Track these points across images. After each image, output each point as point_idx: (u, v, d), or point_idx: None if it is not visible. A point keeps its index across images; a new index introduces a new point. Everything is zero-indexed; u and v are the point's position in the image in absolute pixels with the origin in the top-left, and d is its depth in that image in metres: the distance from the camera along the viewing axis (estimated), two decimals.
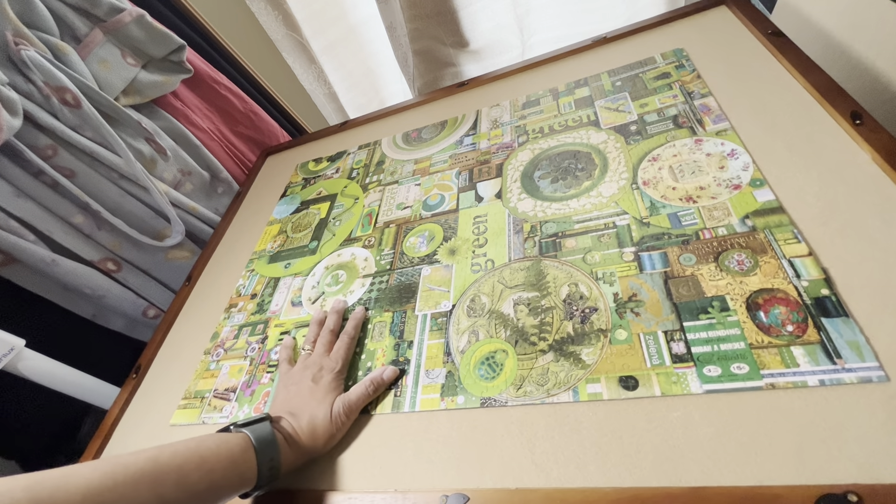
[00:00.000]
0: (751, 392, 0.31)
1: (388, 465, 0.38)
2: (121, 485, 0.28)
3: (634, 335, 0.37)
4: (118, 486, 0.28)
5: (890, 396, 0.28)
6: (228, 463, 0.34)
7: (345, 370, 0.44)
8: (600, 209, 0.46)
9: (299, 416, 0.39)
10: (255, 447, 0.35)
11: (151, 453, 0.32)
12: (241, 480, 0.34)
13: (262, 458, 0.35)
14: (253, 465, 0.35)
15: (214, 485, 0.33)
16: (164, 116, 0.73)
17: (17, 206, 0.59)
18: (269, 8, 0.90)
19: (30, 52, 0.57)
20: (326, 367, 0.43)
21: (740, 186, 0.42)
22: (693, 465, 0.30)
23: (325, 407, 0.40)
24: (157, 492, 0.30)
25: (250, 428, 0.36)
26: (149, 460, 0.31)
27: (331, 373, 0.43)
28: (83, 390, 0.60)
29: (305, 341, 0.48)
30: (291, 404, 0.41)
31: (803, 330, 0.32)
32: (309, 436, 0.38)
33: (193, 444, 0.34)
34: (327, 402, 0.40)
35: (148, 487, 0.29)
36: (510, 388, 0.38)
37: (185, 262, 0.74)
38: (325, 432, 0.39)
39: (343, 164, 0.73)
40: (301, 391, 0.42)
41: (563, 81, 0.63)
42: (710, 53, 0.55)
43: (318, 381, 0.42)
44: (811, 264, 0.35)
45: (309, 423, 0.39)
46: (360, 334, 0.48)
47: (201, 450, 0.33)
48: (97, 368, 0.62)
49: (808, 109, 0.44)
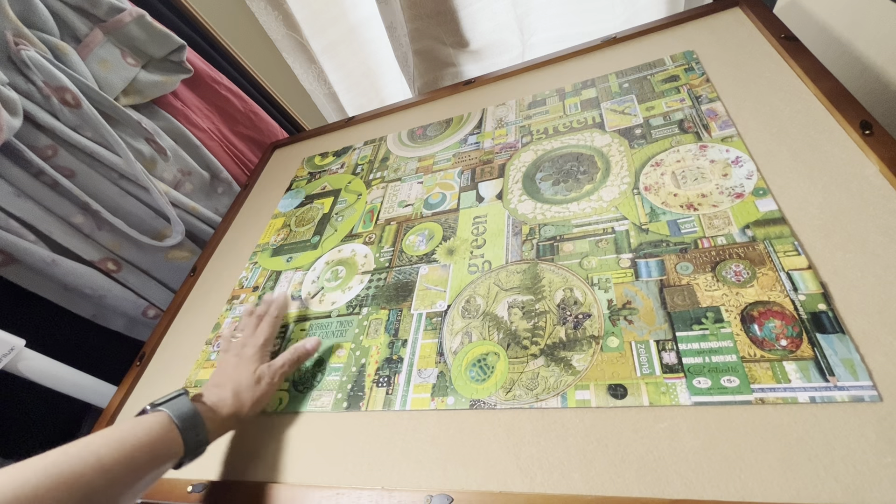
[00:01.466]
0: (740, 406, 0.31)
1: (376, 463, 0.38)
2: (32, 482, 0.28)
3: (626, 343, 0.36)
4: (28, 483, 0.28)
5: (881, 417, 0.28)
6: (146, 440, 0.34)
7: (269, 344, 0.46)
8: (600, 213, 0.46)
9: (223, 384, 0.42)
10: (176, 422, 0.36)
11: (62, 448, 0.31)
12: (165, 455, 0.35)
13: (184, 429, 0.36)
14: (177, 438, 0.36)
15: (135, 463, 0.33)
16: (164, 116, 0.74)
17: (17, 206, 0.60)
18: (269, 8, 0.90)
19: (30, 52, 0.57)
20: (249, 343, 0.46)
21: (743, 195, 0.41)
22: (676, 477, 0.30)
23: (247, 372, 0.43)
24: (73, 479, 0.29)
25: (167, 405, 0.37)
26: (60, 453, 0.31)
27: (254, 347, 0.45)
28: (83, 390, 0.61)
29: (237, 331, 0.50)
30: (215, 379, 0.43)
31: (797, 345, 0.32)
32: (234, 400, 0.41)
33: (108, 430, 0.34)
34: (250, 369, 0.43)
35: (64, 479, 0.29)
36: (500, 392, 0.38)
37: (184, 262, 0.75)
38: (249, 395, 0.41)
39: (348, 159, 0.73)
40: (225, 366, 0.44)
41: (571, 82, 0.63)
42: (721, 56, 0.53)
43: (241, 354, 0.45)
44: (810, 278, 0.34)
45: (233, 390, 0.41)
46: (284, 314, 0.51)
47: (116, 435, 0.33)
48: (97, 368, 0.63)
49: (817, 117, 0.43)
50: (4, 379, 0.55)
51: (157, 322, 0.69)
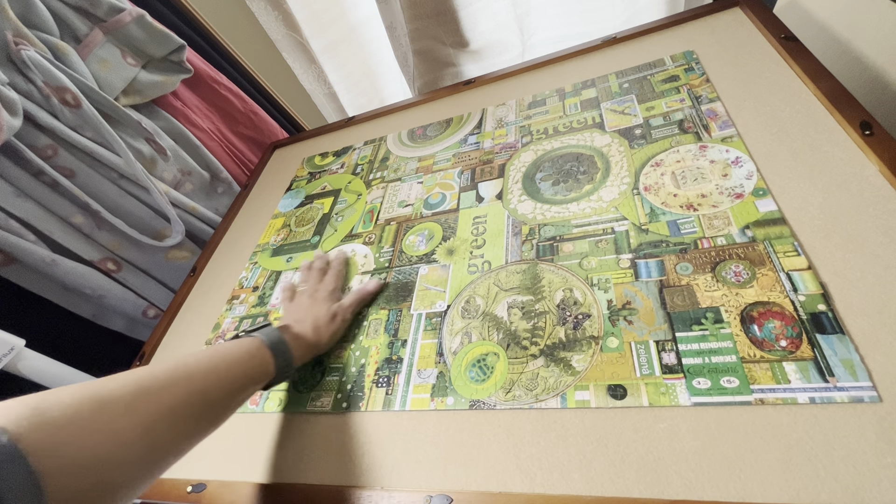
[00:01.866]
0: (739, 406, 0.31)
1: (375, 463, 0.38)
2: (161, 376, 0.33)
3: (626, 343, 0.36)
4: (158, 377, 0.33)
5: (881, 417, 0.28)
6: (247, 357, 0.39)
7: (337, 291, 0.51)
8: (600, 214, 0.46)
9: (303, 319, 0.47)
10: (268, 344, 0.41)
11: (181, 356, 0.36)
12: (261, 373, 0.40)
13: (275, 351, 0.41)
14: (269, 359, 0.40)
15: (239, 375, 0.38)
16: (164, 116, 0.74)
17: (17, 206, 0.60)
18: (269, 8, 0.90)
19: (30, 52, 0.57)
20: (321, 289, 0.51)
21: (742, 195, 0.41)
22: (676, 477, 0.30)
23: (324, 309, 0.48)
24: (193, 380, 0.34)
25: (259, 332, 0.42)
26: (180, 359, 0.36)
27: (325, 291, 0.50)
28: None
29: (299, 283, 0.55)
30: (294, 315, 0.48)
31: (797, 346, 0.32)
32: (313, 332, 0.45)
33: (215, 347, 0.39)
34: (326, 306, 0.48)
35: (185, 377, 0.34)
36: (499, 392, 0.38)
37: (184, 262, 0.75)
38: (327, 328, 0.46)
39: (348, 159, 0.73)
40: (301, 305, 0.50)
41: (571, 82, 0.63)
42: (721, 56, 0.53)
43: (314, 297, 0.50)
44: (810, 278, 0.34)
45: (313, 322, 0.46)
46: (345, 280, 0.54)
47: (222, 350, 0.38)
48: (97, 368, 0.63)
49: (817, 118, 0.43)
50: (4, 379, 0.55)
51: (157, 322, 0.69)
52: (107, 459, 0.27)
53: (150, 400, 0.31)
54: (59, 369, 0.59)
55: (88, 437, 0.26)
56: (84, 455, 0.26)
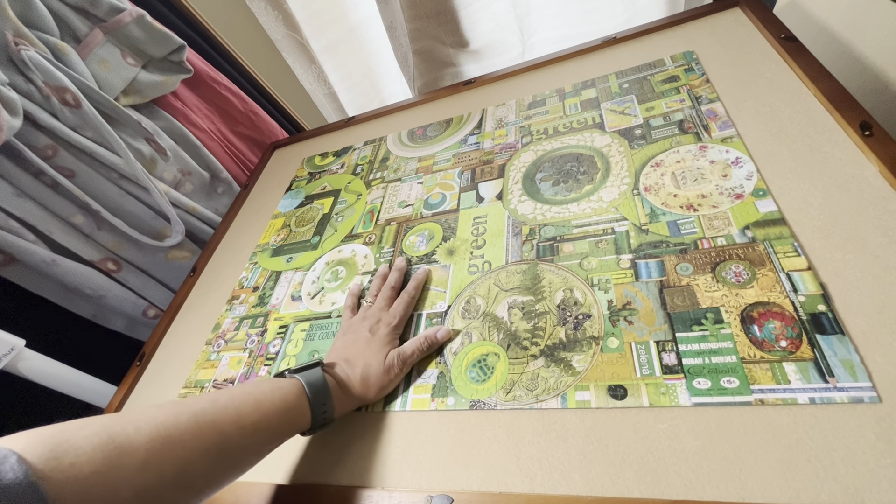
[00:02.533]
0: (739, 407, 0.31)
1: (376, 463, 0.38)
2: (183, 423, 0.30)
3: (626, 344, 0.36)
4: (181, 424, 0.30)
5: (881, 418, 0.28)
6: (282, 406, 0.35)
7: (401, 326, 0.45)
8: (600, 214, 0.46)
9: (354, 363, 0.41)
10: (308, 394, 0.36)
11: (211, 396, 0.33)
12: (294, 424, 0.36)
13: (314, 403, 0.37)
14: (306, 410, 0.36)
15: (269, 427, 0.34)
16: (164, 116, 0.74)
17: (17, 206, 0.60)
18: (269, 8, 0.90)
19: (30, 52, 0.57)
20: (384, 321, 0.44)
21: (742, 196, 0.41)
22: (676, 477, 0.30)
23: (379, 357, 0.41)
24: (216, 430, 0.31)
25: (302, 374, 0.38)
26: (208, 402, 0.33)
27: (387, 326, 0.44)
28: (83, 390, 0.61)
29: (368, 294, 0.49)
30: (347, 352, 0.42)
31: (797, 346, 0.32)
32: (361, 384, 0.40)
33: (249, 387, 0.35)
34: (382, 353, 0.42)
35: (208, 426, 0.31)
36: (500, 392, 0.38)
37: (185, 262, 0.75)
38: (377, 382, 0.40)
39: (348, 159, 0.73)
40: (358, 340, 0.43)
41: (571, 82, 0.63)
42: (721, 57, 0.53)
43: (375, 332, 0.43)
44: (809, 279, 0.34)
45: (363, 372, 0.40)
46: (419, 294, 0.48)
47: (256, 394, 0.35)
48: (97, 368, 0.63)
49: (817, 118, 0.43)
50: (4, 379, 0.55)
51: (157, 322, 0.69)
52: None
53: (170, 452, 0.29)
54: (59, 369, 0.59)
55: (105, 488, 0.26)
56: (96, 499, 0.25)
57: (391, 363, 0.41)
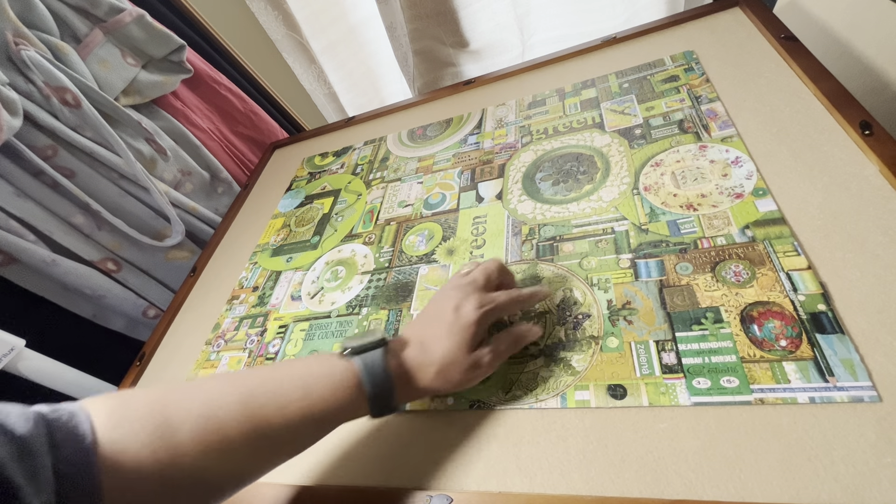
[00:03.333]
0: (739, 406, 0.31)
1: (376, 462, 0.38)
2: (232, 405, 0.30)
3: (626, 343, 0.36)
4: (229, 406, 0.30)
5: (881, 417, 0.28)
6: (331, 398, 0.31)
7: (493, 315, 0.36)
8: (600, 214, 0.46)
9: (431, 349, 0.34)
10: (365, 385, 0.32)
11: (261, 375, 0.32)
12: (346, 414, 0.33)
13: (372, 394, 0.32)
14: (362, 403, 0.32)
15: (315, 418, 0.31)
16: (164, 116, 0.74)
17: (17, 206, 0.60)
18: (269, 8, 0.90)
19: (30, 52, 0.57)
20: (474, 299, 0.35)
21: (742, 195, 0.41)
22: (676, 477, 0.30)
23: (466, 349, 0.34)
24: (261, 416, 0.30)
25: (362, 357, 0.33)
26: (258, 383, 0.31)
27: (477, 308, 0.35)
28: (83, 390, 0.61)
29: (475, 270, 0.39)
30: (426, 332, 0.35)
31: (797, 345, 0.32)
32: (438, 376, 0.34)
33: (301, 370, 0.32)
34: (467, 345, 0.34)
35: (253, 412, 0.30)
36: (499, 392, 0.38)
37: (184, 262, 0.76)
38: (457, 379, 0.34)
39: (348, 159, 0.73)
40: (439, 318, 0.35)
41: (571, 82, 0.63)
42: (721, 56, 0.53)
43: (459, 311, 0.34)
44: (809, 278, 0.34)
45: (441, 364, 0.33)
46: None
47: (306, 379, 0.32)
48: (97, 368, 0.63)
49: (817, 118, 0.43)
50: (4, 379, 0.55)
51: (157, 322, 0.69)
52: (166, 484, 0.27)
53: (215, 436, 0.28)
54: (59, 369, 0.59)
55: (153, 463, 0.27)
56: (145, 475, 0.26)
57: (478, 359, 0.34)
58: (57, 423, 0.25)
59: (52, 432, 0.25)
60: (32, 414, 0.25)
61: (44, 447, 0.24)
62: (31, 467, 0.22)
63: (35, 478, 0.22)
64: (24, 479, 0.22)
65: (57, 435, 0.24)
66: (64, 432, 0.25)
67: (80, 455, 0.24)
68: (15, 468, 0.21)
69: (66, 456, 0.24)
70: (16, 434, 0.23)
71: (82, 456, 0.24)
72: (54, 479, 0.23)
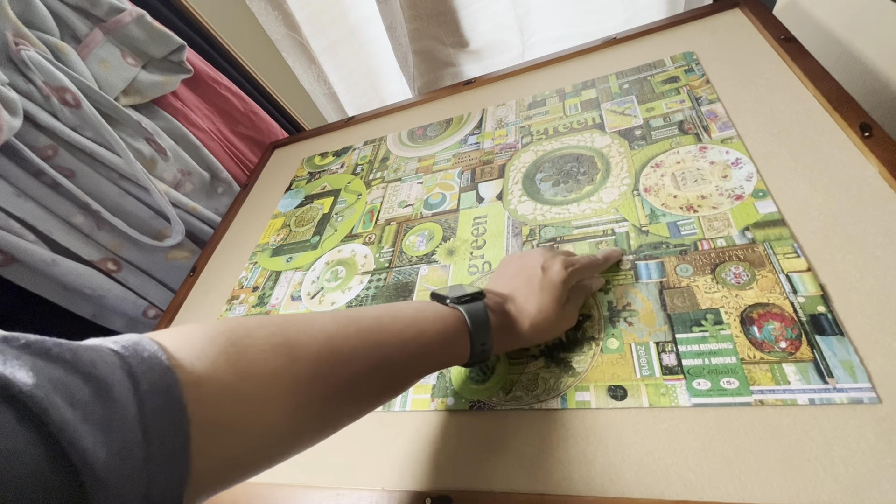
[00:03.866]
0: (739, 407, 0.31)
1: (376, 463, 0.39)
2: (352, 337, 0.29)
3: (626, 345, 0.37)
4: (349, 338, 0.29)
5: (880, 419, 0.28)
6: (443, 339, 0.33)
7: (576, 276, 0.38)
8: (600, 215, 0.46)
9: (523, 304, 0.36)
10: (470, 330, 0.34)
11: (374, 313, 0.32)
12: (452, 357, 0.34)
13: (475, 340, 0.34)
14: (466, 346, 0.34)
15: (428, 356, 0.33)
16: (164, 116, 0.74)
17: (17, 206, 0.60)
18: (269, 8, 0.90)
19: (30, 52, 0.57)
20: (560, 260, 0.38)
21: (742, 197, 0.41)
22: (676, 478, 0.30)
23: (555, 303, 0.36)
24: (382, 352, 0.30)
25: (466, 307, 0.34)
26: (374, 319, 0.31)
27: (563, 268, 0.37)
28: None
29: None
30: (514, 284, 0.37)
31: (796, 347, 0.32)
32: (532, 328, 0.36)
33: (412, 311, 0.33)
34: (558, 301, 0.36)
35: (374, 345, 0.30)
36: (500, 393, 0.38)
37: (185, 262, 0.75)
38: (550, 330, 0.37)
39: (348, 159, 0.73)
40: (527, 272, 0.38)
41: (571, 82, 0.63)
42: (721, 57, 0.53)
43: (548, 270, 0.37)
44: (809, 280, 0.34)
45: (535, 315, 0.36)
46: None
47: (420, 320, 0.33)
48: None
49: (817, 119, 0.43)
50: None
51: (157, 322, 0.69)
52: (274, 424, 0.25)
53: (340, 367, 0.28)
54: None
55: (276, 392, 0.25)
56: (252, 420, 0.24)
57: (565, 315, 0.37)
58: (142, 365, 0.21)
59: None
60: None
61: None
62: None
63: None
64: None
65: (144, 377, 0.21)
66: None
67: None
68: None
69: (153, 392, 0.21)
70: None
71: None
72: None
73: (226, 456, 0.23)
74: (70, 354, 0.19)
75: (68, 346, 0.19)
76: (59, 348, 0.19)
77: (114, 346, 0.21)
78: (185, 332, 0.25)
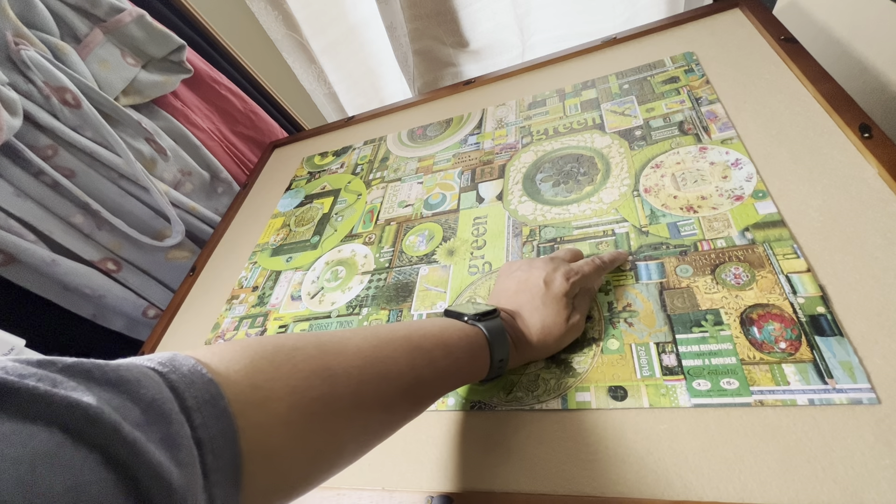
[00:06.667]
0: (739, 408, 0.31)
1: (376, 463, 0.39)
2: (387, 359, 0.29)
3: (626, 345, 0.37)
4: (385, 361, 0.29)
5: (879, 419, 0.28)
6: (468, 357, 0.33)
7: (580, 284, 0.38)
8: (600, 216, 0.46)
9: (531, 320, 0.37)
10: (490, 345, 0.34)
11: (405, 332, 0.32)
12: (474, 372, 0.35)
13: (494, 356, 0.34)
14: (486, 361, 0.34)
15: (455, 375, 0.33)
16: (164, 116, 0.74)
17: (17, 206, 0.60)
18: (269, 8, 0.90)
19: (30, 52, 0.57)
20: (562, 271, 0.38)
21: (742, 198, 0.41)
22: (676, 478, 0.30)
23: (559, 319, 0.36)
24: (413, 372, 0.30)
25: (485, 324, 0.35)
26: (405, 339, 0.31)
27: (565, 280, 0.37)
28: None
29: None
30: (519, 300, 0.38)
31: (796, 348, 0.32)
32: (540, 342, 0.36)
33: (436, 330, 0.33)
34: (563, 314, 0.36)
35: (408, 366, 0.30)
36: (500, 393, 0.38)
37: (185, 262, 0.75)
38: (557, 342, 0.37)
39: (348, 159, 0.73)
40: (530, 288, 0.38)
41: (571, 82, 0.63)
42: (721, 58, 0.53)
43: (550, 284, 0.37)
44: (809, 281, 0.34)
45: (542, 329, 0.36)
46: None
47: (445, 338, 0.33)
48: None
49: (817, 120, 0.43)
50: None
51: (156, 322, 0.69)
52: (322, 451, 0.26)
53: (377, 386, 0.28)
54: None
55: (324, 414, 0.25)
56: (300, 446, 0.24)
57: (572, 325, 0.37)
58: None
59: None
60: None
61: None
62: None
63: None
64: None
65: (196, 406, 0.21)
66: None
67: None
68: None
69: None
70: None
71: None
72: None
73: (273, 485, 0.23)
74: (114, 375, 0.19)
75: (109, 367, 0.19)
76: (100, 370, 0.18)
77: (150, 364, 0.21)
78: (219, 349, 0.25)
